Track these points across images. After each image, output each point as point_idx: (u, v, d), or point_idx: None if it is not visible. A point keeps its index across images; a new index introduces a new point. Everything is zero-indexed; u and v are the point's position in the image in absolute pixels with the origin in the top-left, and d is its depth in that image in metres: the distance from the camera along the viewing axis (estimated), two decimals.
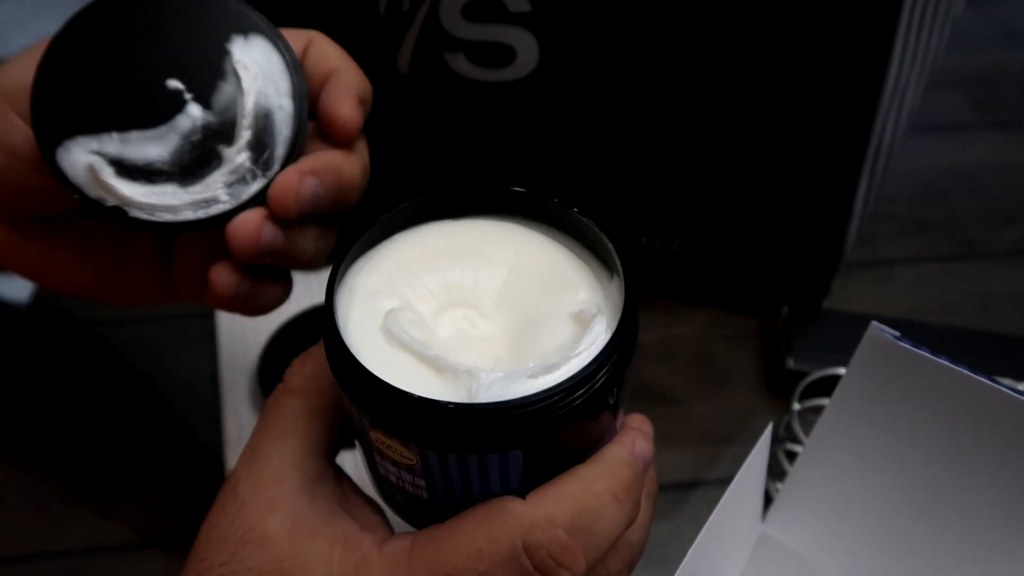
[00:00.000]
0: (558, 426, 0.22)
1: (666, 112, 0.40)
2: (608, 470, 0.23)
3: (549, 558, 0.21)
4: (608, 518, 0.22)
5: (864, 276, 0.50)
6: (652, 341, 0.46)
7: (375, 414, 0.22)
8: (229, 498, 0.24)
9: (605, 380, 0.22)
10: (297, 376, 0.26)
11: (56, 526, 0.38)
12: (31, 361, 0.45)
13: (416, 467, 0.23)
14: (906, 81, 0.41)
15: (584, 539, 0.22)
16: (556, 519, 0.22)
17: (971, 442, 0.28)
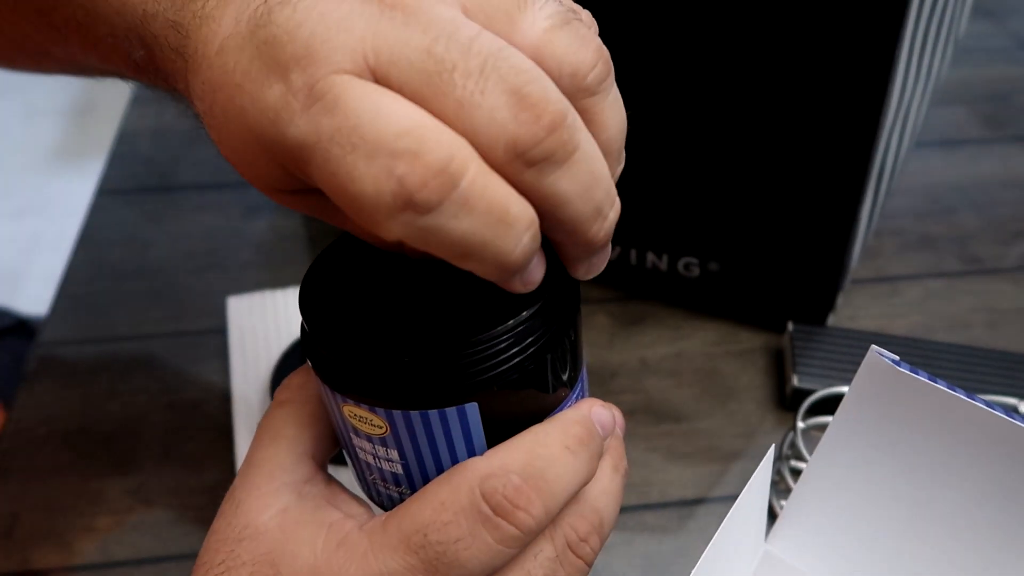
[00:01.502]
0: (506, 376, 0.23)
1: (672, 129, 0.41)
2: (560, 425, 0.24)
3: (505, 501, 0.22)
4: (561, 466, 0.23)
5: (870, 292, 0.50)
6: (658, 357, 0.46)
7: (341, 382, 0.24)
8: (227, 504, 0.26)
9: (552, 333, 0.24)
10: (285, 390, 0.27)
11: (70, 541, 0.38)
12: (46, 375, 0.46)
13: (387, 436, 0.24)
14: (910, 100, 0.42)
15: (537, 484, 0.23)
16: (509, 466, 0.23)
17: (968, 465, 0.28)
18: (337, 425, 0.26)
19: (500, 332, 0.23)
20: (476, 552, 0.22)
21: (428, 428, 0.24)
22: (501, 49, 0.20)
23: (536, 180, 0.20)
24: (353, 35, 0.20)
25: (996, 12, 0.74)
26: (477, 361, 0.23)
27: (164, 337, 0.48)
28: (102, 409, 0.44)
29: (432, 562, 0.22)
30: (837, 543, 0.32)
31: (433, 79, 0.19)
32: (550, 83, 0.20)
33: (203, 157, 0.60)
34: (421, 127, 0.19)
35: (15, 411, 0.44)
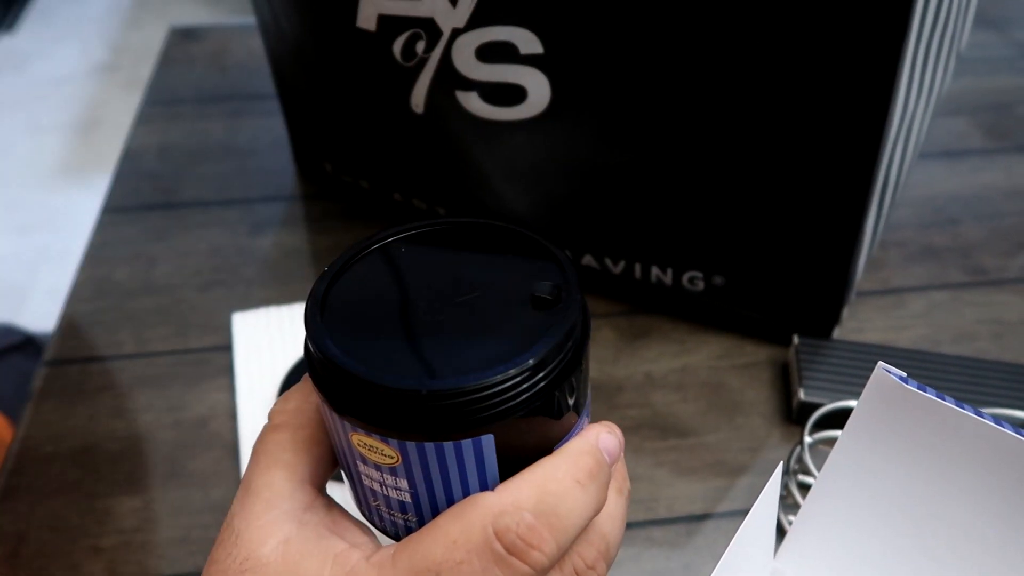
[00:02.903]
0: (525, 406, 0.23)
1: (675, 144, 0.41)
2: (569, 458, 0.24)
3: (519, 540, 0.22)
4: (572, 501, 0.23)
5: (875, 304, 0.50)
6: (664, 371, 0.46)
7: (353, 411, 0.23)
8: (226, 533, 0.25)
9: (568, 361, 0.24)
10: (280, 413, 0.27)
11: (77, 560, 0.38)
12: (52, 394, 0.46)
13: (397, 465, 0.24)
14: (913, 113, 0.42)
15: (550, 520, 0.23)
16: (521, 503, 0.23)
17: (977, 482, 0.28)
18: (341, 450, 0.26)
19: (519, 367, 0.23)
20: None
21: (442, 459, 0.23)
22: None
23: None
24: None
25: (998, 22, 0.74)
26: (495, 395, 0.22)
27: (170, 354, 0.48)
28: (108, 427, 0.44)
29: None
30: (846, 561, 0.32)
31: None
32: None
33: (208, 174, 0.60)
34: None
35: (22, 430, 0.44)
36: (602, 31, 0.38)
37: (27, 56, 2.07)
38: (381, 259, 0.26)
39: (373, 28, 0.41)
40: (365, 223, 0.55)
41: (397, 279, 0.26)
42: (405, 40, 0.41)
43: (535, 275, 0.25)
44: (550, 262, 0.26)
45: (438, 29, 0.40)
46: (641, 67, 0.39)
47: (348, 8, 0.41)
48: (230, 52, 0.73)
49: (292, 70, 0.50)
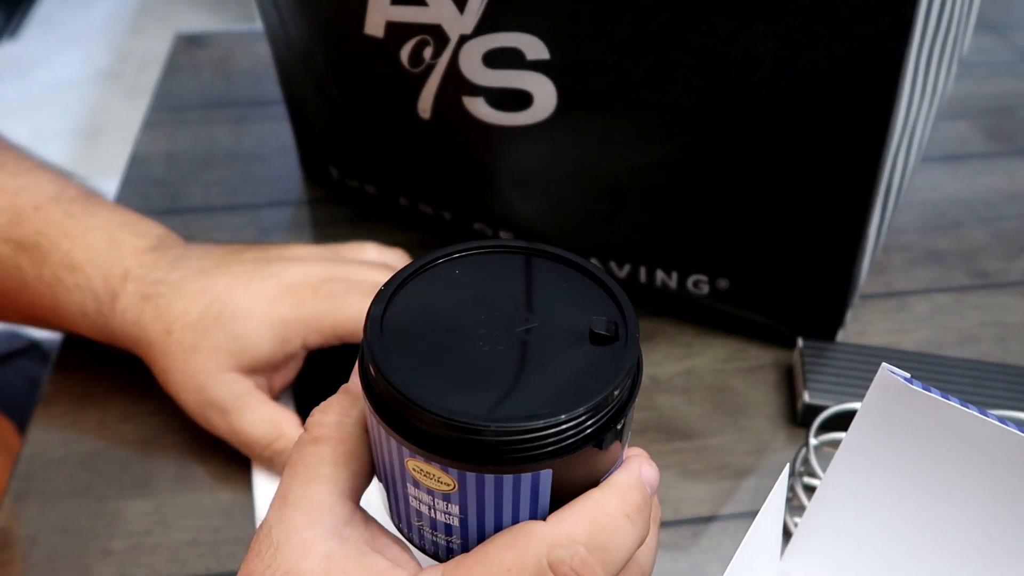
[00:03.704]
0: (585, 443, 0.23)
1: (680, 149, 0.41)
2: (619, 492, 0.25)
3: (572, 572, 0.23)
4: (622, 536, 0.24)
5: (879, 307, 0.50)
6: (669, 374, 0.47)
7: (415, 439, 0.23)
8: (263, 544, 0.25)
9: (626, 398, 0.25)
10: (320, 425, 0.27)
11: (87, 563, 0.39)
12: (62, 398, 0.46)
13: (452, 492, 0.24)
14: (916, 117, 0.42)
15: (602, 555, 0.24)
16: (576, 537, 0.23)
17: (983, 481, 0.28)
18: (389, 470, 0.26)
19: (585, 406, 0.23)
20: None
21: (499, 490, 0.24)
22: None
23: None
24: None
25: (1000, 26, 0.74)
26: (559, 433, 0.23)
27: None
28: (118, 431, 0.44)
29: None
30: (852, 561, 0.32)
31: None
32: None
33: (215, 179, 0.61)
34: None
35: (32, 434, 0.44)
36: (607, 37, 0.38)
37: (31, 63, 2.08)
38: (436, 282, 0.26)
39: (381, 35, 0.41)
40: (371, 228, 0.55)
41: (453, 305, 0.26)
42: (413, 46, 0.41)
43: (592, 307, 0.26)
44: (604, 292, 0.26)
45: (445, 36, 0.40)
46: (646, 73, 0.39)
47: (356, 15, 0.41)
48: (235, 58, 0.73)
49: (299, 76, 0.50)
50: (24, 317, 0.45)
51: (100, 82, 2.03)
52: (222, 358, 0.39)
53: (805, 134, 0.39)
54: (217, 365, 0.39)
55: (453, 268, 0.27)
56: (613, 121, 0.41)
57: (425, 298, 0.26)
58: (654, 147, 0.42)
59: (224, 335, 0.39)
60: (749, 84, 0.38)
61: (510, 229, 0.47)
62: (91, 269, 0.41)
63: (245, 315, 0.39)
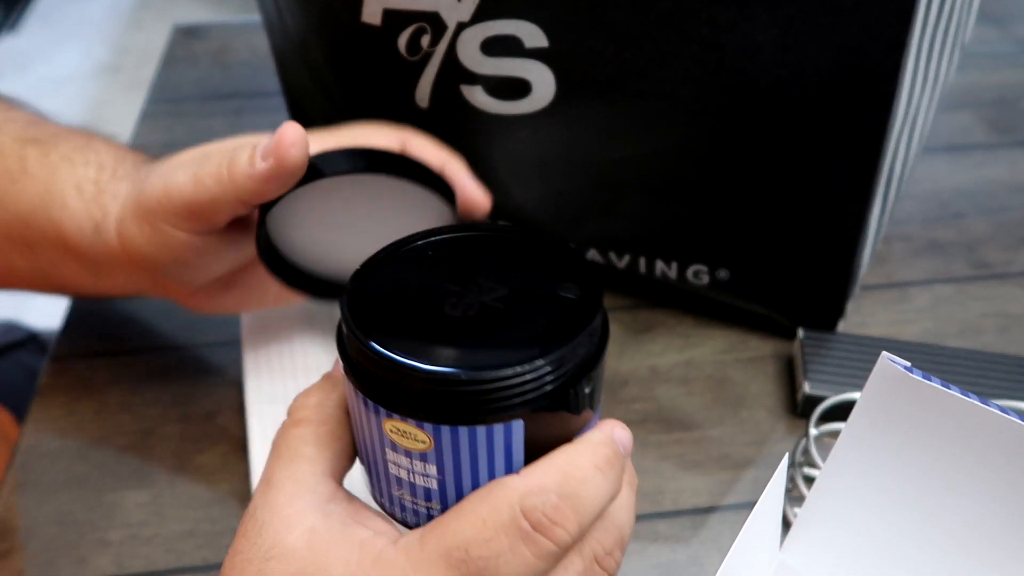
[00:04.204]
0: (552, 396, 0.25)
1: (679, 138, 0.41)
2: (590, 447, 0.26)
3: (545, 518, 0.24)
4: (593, 486, 0.25)
5: (880, 298, 0.50)
6: (669, 365, 0.46)
7: (389, 397, 0.25)
8: (249, 525, 0.26)
9: (591, 356, 0.26)
10: (301, 408, 0.28)
11: (84, 554, 0.39)
12: (59, 389, 0.46)
13: (429, 451, 0.25)
14: (917, 106, 0.42)
15: (573, 503, 0.24)
16: (548, 486, 0.24)
17: (983, 470, 0.28)
18: (367, 440, 0.27)
19: (550, 356, 0.24)
20: (516, 566, 0.24)
21: (473, 444, 0.24)
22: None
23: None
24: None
25: (1002, 17, 0.74)
26: (528, 382, 0.24)
27: (177, 349, 0.48)
28: (115, 422, 0.44)
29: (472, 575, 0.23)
30: (852, 552, 0.32)
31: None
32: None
33: None
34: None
35: (29, 425, 0.44)
36: (607, 25, 0.38)
37: (30, 57, 2.08)
38: (411, 260, 0.28)
39: (378, 23, 0.41)
40: None
41: (427, 279, 0.27)
42: (410, 34, 0.41)
43: (559, 277, 0.27)
44: (574, 265, 0.28)
45: (443, 23, 0.40)
46: (645, 62, 0.39)
47: (353, 3, 0.41)
48: (233, 50, 0.73)
49: (297, 66, 0.50)
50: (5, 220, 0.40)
51: (100, 76, 2.03)
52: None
53: (806, 123, 0.39)
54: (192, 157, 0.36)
55: (427, 249, 0.28)
56: (612, 110, 0.41)
57: (399, 275, 0.27)
58: (653, 137, 0.41)
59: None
60: (749, 73, 0.38)
61: (508, 218, 0.47)
62: (108, 150, 0.39)
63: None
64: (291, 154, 0.31)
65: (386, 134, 0.37)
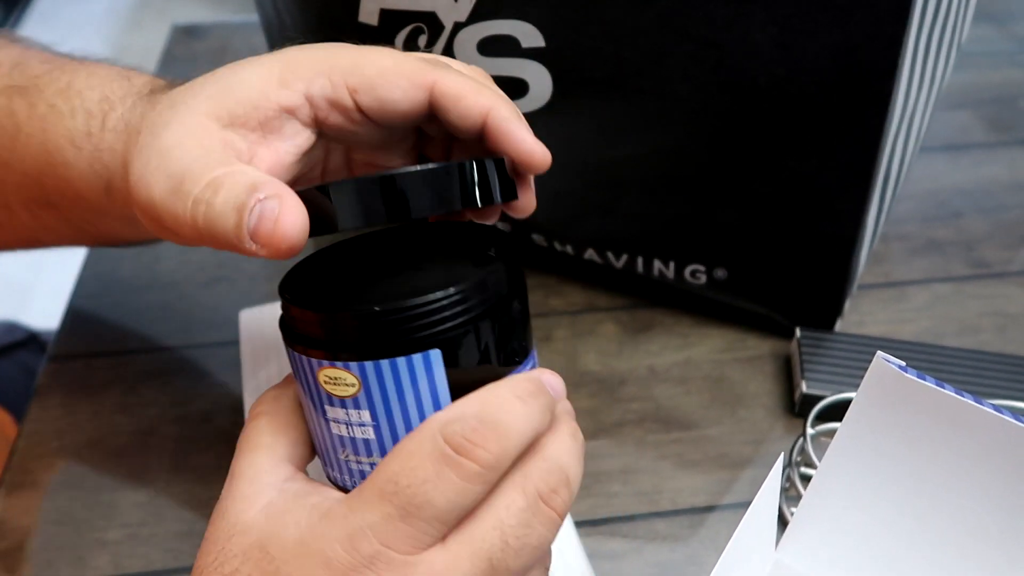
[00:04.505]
0: (469, 325, 0.26)
1: (678, 140, 0.41)
2: (510, 380, 0.27)
3: (465, 440, 0.25)
4: (512, 413, 0.26)
5: (878, 297, 0.50)
6: (667, 364, 0.46)
7: (317, 345, 0.26)
8: (216, 515, 0.28)
9: (503, 297, 0.27)
10: (260, 403, 0.30)
11: (82, 554, 0.39)
12: (57, 389, 0.46)
13: (359, 395, 0.26)
14: (914, 106, 0.42)
15: (492, 425, 0.25)
16: (466, 412, 0.25)
17: (977, 469, 0.28)
18: (312, 410, 0.28)
19: (459, 286, 0.26)
20: (443, 490, 0.24)
21: (397, 380, 0.26)
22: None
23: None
24: None
25: (1000, 16, 0.74)
26: (440, 310, 0.26)
27: (174, 350, 0.48)
28: (113, 422, 0.44)
29: (405, 506, 0.24)
30: (847, 551, 0.32)
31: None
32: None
33: None
34: None
35: (27, 425, 0.44)
36: (603, 24, 0.38)
37: None
38: (343, 248, 0.31)
39: (375, 23, 0.41)
40: None
41: (355, 257, 0.30)
42: (407, 34, 0.41)
43: (482, 246, 0.29)
44: (498, 239, 0.29)
45: (440, 23, 0.40)
46: (642, 61, 0.39)
47: (350, 3, 0.41)
48: (232, 49, 0.73)
49: None
50: (20, 191, 0.37)
51: None
52: (198, 104, 0.28)
53: (803, 122, 0.39)
54: (189, 111, 0.28)
55: (361, 240, 0.31)
56: (609, 110, 0.41)
57: (332, 257, 0.30)
58: (651, 136, 0.41)
59: (210, 83, 0.29)
60: (747, 72, 0.38)
61: (504, 219, 0.47)
62: (90, 91, 0.34)
63: (242, 64, 0.30)
64: (287, 247, 0.26)
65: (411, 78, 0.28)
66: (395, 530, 0.24)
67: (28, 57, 0.38)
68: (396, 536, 0.24)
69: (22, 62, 0.37)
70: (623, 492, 0.41)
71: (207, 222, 0.27)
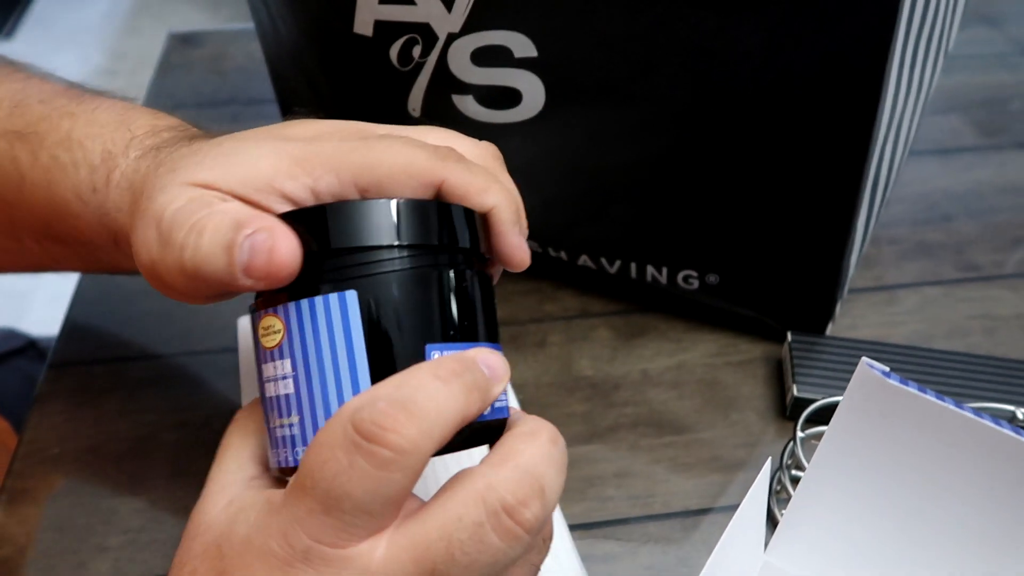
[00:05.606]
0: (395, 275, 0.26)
1: (667, 145, 0.42)
2: (431, 363, 0.25)
3: (373, 426, 0.23)
4: (430, 391, 0.24)
5: (868, 300, 0.51)
6: (660, 369, 0.47)
7: (261, 298, 0.27)
8: (190, 521, 0.28)
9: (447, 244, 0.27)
10: (238, 413, 0.30)
11: (83, 560, 0.39)
12: (57, 396, 0.46)
13: (283, 342, 0.26)
14: (902, 111, 0.42)
15: (406, 407, 0.23)
16: (377, 396, 0.24)
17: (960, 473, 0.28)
18: (259, 382, 0.28)
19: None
20: (359, 481, 0.23)
21: (314, 321, 0.25)
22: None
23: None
24: None
25: (992, 18, 0.75)
26: (371, 249, 0.25)
27: (174, 357, 0.48)
28: (113, 429, 0.45)
29: (324, 500, 0.23)
30: (835, 553, 0.33)
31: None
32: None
33: None
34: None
35: (28, 432, 0.45)
36: (595, 34, 0.38)
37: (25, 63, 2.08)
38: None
39: (370, 33, 0.42)
40: None
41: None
42: (401, 45, 0.41)
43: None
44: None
45: (434, 34, 0.40)
46: (633, 69, 0.39)
47: (345, 13, 0.41)
48: (229, 57, 0.73)
49: (291, 74, 0.50)
50: (28, 227, 0.38)
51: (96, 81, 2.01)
52: (200, 173, 0.28)
53: (792, 128, 0.39)
54: (189, 179, 0.28)
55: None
56: (601, 117, 0.41)
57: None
58: (642, 143, 0.42)
59: (214, 156, 0.29)
60: (736, 79, 0.38)
61: None
62: (92, 142, 0.34)
63: (249, 138, 0.30)
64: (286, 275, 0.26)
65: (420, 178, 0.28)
66: (320, 524, 0.24)
67: (27, 96, 0.37)
68: (322, 530, 0.24)
69: (21, 102, 0.37)
70: (617, 495, 0.41)
71: (195, 266, 0.26)
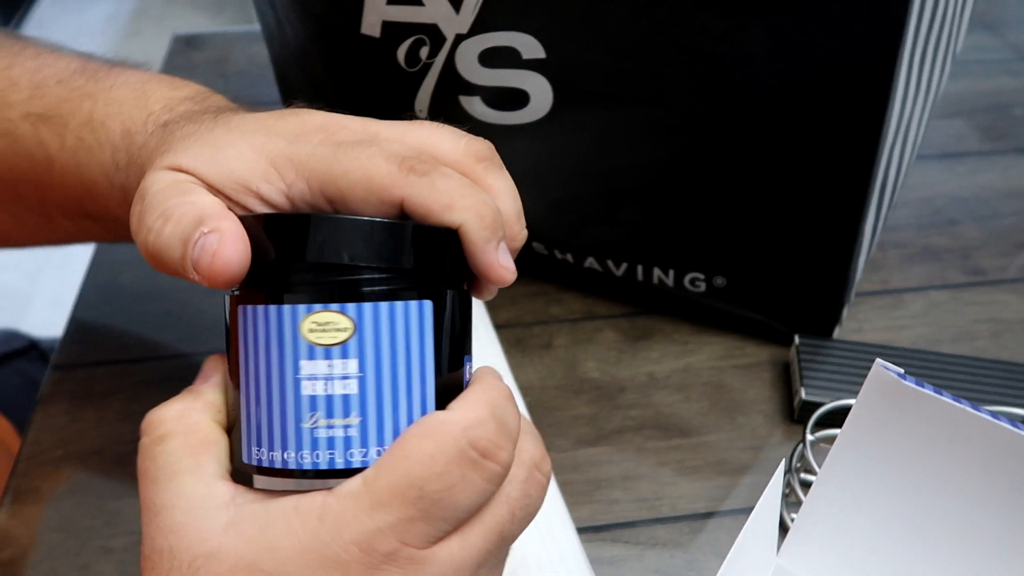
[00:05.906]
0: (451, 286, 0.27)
1: (676, 150, 0.41)
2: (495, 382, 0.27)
3: (491, 444, 0.25)
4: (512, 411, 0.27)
5: (875, 304, 0.50)
6: (667, 372, 0.47)
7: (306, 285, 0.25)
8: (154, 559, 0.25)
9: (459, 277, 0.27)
10: (160, 424, 0.27)
11: (87, 562, 0.39)
12: (61, 398, 0.46)
13: (350, 340, 0.25)
14: (910, 116, 0.42)
15: (506, 427, 0.26)
16: (483, 416, 0.26)
17: (975, 476, 0.28)
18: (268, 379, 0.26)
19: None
20: (470, 493, 0.25)
21: (392, 325, 0.25)
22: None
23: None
24: None
25: (994, 24, 0.75)
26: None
27: (177, 358, 0.48)
28: (117, 430, 0.44)
29: (429, 509, 0.24)
30: (848, 556, 0.33)
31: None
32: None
33: None
34: None
35: (31, 433, 0.44)
36: (603, 36, 0.38)
37: None
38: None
39: (377, 34, 0.42)
40: None
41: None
42: (409, 46, 0.41)
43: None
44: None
45: (442, 35, 0.40)
46: (641, 72, 0.39)
47: (352, 15, 0.41)
48: (232, 59, 0.73)
49: (296, 76, 0.50)
50: (60, 206, 0.39)
51: None
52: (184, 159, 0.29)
53: (800, 132, 0.39)
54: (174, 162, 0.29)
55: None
56: (609, 120, 0.41)
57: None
58: (649, 146, 0.42)
59: (200, 143, 0.29)
60: (743, 83, 0.38)
61: None
62: (112, 122, 0.34)
63: (240, 128, 0.30)
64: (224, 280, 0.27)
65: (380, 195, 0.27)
66: (415, 529, 0.25)
67: (45, 76, 0.38)
68: (415, 535, 0.25)
69: (40, 84, 0.38)
70: (624, 499, 0.41)
71: (156, 250, 0.27)
